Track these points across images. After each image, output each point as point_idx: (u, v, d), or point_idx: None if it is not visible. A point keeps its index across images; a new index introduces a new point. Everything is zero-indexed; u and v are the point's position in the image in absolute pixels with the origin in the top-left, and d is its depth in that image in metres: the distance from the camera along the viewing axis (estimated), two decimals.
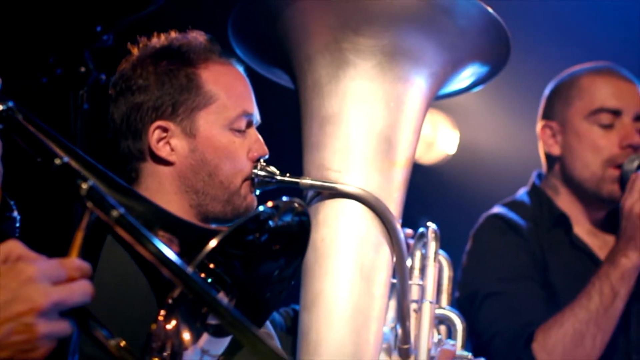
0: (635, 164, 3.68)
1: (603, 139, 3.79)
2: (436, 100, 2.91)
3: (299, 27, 2.72)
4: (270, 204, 1.87)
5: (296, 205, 1.91)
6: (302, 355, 2.61)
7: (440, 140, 5.92)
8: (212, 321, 1.89)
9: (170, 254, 1.64)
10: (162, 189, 2.80)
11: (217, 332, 1.91)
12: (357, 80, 2.69)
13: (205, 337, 1.90)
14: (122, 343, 1.74)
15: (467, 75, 2.89)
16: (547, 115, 3.97)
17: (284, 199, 1.90)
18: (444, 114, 5.89)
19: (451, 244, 3.14)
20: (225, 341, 1.90)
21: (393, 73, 2.69)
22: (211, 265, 1.88)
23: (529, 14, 5.35)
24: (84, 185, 1.72)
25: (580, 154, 3.83)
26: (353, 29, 2.66)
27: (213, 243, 1.75)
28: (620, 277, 3.50)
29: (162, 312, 1.78)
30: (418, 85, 2.73)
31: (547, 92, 4.01)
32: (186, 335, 1.88)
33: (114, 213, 1.70)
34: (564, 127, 3.89)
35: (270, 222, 1.90)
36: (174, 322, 1.84)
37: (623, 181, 3.71)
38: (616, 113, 3.80)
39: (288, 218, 1.92)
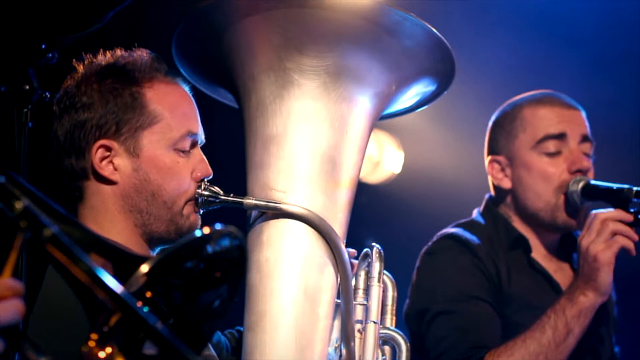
0: (581, 185, 3.71)
1: (552, 166, 3.81)
2: (381, 119, 2.91)
3: (243, 46, 2.71)
4: (205, 229, 1.84)
5: (232, 230, 1.89)
6: None
7: (386, 160, 5.94)
8: (148, 351, 1.85)
9: (104, 274, 1.62)
10: (106, 208, 2.77)
11: None
12: (301, 100, 2.68)
13: None
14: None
15: (412, 95, 2.89)
16: (493, 151, 3.99)
17: (218, 226, 1.87)
18: (389, 134, 5.92)
19: (396, 264, 3.14)
20: None
21: (337, 93, 2.69)
22: (148, 294, 1.85)
23: (474, 34, 5.38)
24: (18, 205, 1.69)
25: (532, 185, 3.84)
26: (297, 48, 2.66)
27: (145, 268, 1.72)
28: (576, 314, 3.52)
29: (94, 336, 1.74)
30: (362, 105, 2.73)
31: (489, 126, 4.03)
32: None
33: (47, 232, 1.67)
34: (512, 161, 3.90)
35: (208, 248, 1.86)
36: (109, 350, 1.80)
37: (569, 203, 3.74)
38: (561, 137, 3.82)
39: (226, 243, 1.89)
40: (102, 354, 1.76)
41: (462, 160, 5.81)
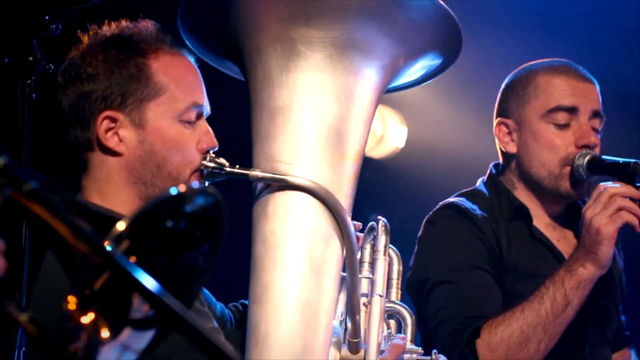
0: (587, 159, 3.69)
1: (559, 138, 3.78)
2: (387, 93, 2.89)
3: (250, 18, 2.69)
4: (181, 187, 1.81)
5: (207, 187, 1.86)
6: (251, 349, 2.58)
7: (389, 135, 5.94)
8: (134, 314, 1.83)
9: (88, 228, 1.59)
10: (111, 180, 2.77)
11: (139, 325, 1.85)
12: (308, 72, 2.66)
13: (126, 331, 1.84)
14: (33, 316, 1.70)
15: (418, 68, 2.88)
16: (502, 113, 3.96)
17: (194, 184, 1.85)
18: (393, 108, 5.91)
19: (399, 238, 3.13)
20: (148, 334, 1.85)
21: (344, 65, 2.67)
22: (133, 259, 1.82)
23: (481, 9, 5.36)
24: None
25: (537, 153, 3.82)
26: (304, 20, 2.64)
27: (121, 225, 1.69)
28: (575, 286, 3.52)
29: (73, 298, 1.72)
30: (369, 77, 2.72)
31: (502, 88, 4.00)
32: (105, 331, 1.81)
33: (26, 187, 1.65)
34: (520, 126, 3.88)
35: (187, 207, 1.84)
36: (91, 315, 1.77)
37: (574, 176, 3.73)
38: (572, 111, 3.79)
39: (202, 200, 1.86)
40: (84, 319, 1.73)
41: (465, 135, 5.81)
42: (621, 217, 3.49)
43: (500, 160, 4.00)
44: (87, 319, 1.73)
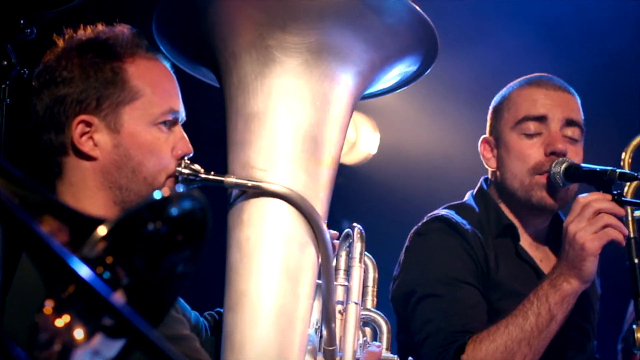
0: (564, 166, 3.67)
1: (529, 147, 3.79)
2: (363, 99, 2.89)
3: (225, 23, 2.68)
4: (165, 191, 1.79)
5: (193, 192, 1.84)
6: (227, 356, 2.57)
7: (362, 141, 5.95)
8: (107, 321, 1.80)
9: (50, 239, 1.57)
10: (85, 185, 2.74)
11: (111, 333, 1.82)
12: (283, 77, 2.65)
13: (98, 337, 1.82)
14: None
15: (394, 75, 2.87)
16: (488, 131, 3.99)
17: (179, 188, 1.83)
18: (366, 115, 5.92)
19: (372, 244, 3.12)
20: (119, 343, 1.82)
21: (319, 71, 2.66)
22: (109, 260, 1.79)
23: (454, 17, 5.37)
24: None
25: (510, 165, 3.83)
26: (279, 25, 2.63)
27: (102, 230, 1.67)
28: (559, 301, 3.50)
29: (49, 304, 1.69)
30: (345, 83, 2.71)
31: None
32: (79, 333, 1.78)
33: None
34: (497, 141, 3.90)
35: (171, 210, 1.81)
36: (66, 318, 1.74)
37: (551, 183, 3.72)
38: (541, 120, 3.79)
39: (188, 205, 1.83)
40: (59, 322, 1.71)
41: (438, 142, 5.82)
42: (607, 234, 3.46)
43: (488, 178, 4.01)
44: (62, 321, 1.71)
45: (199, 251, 1.84)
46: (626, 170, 3.73)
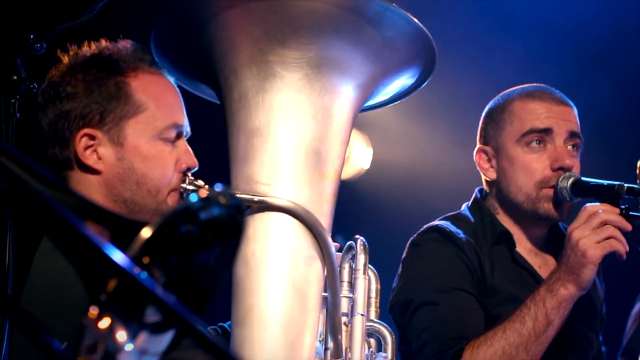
0: (570, 181, 3.69)
1: (534, 161, 3.81)
2: (362, 112, 2.90)
3: (224, 40, 2.68)
4: (202, 193, 1.82)
5: (222, 199, 1.87)
6: None
7: (355, 156, 5.96)
8: (150, 318, 1.81)
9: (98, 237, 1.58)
10: (91, 198, 2.74)
11: (156, 329, 1.84)
12: (284, 92, 2.66)
13: (143, 336, 1.82)
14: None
15: (394, 87, 2.88)
16: (482, 141, 4.00)
17: (217, 187, 1.85)
18: (358, 130, 5.93)
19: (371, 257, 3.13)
20: (166, 337, 1.83)
21: (320, 85, 2.67)
22: (146, 260, 1.81)
23: (451, 30, 5.39)
24: None
25: (514, 178, 3.84)
26: (279, 41, 2.64)
27: (147, 233, 1.69)
28: (556, 306, 3.50)
29: (94, 309, 1.69)
30: (345, 96, 2.72)
31: (482, 116, 4.03)
32: (121, 335, 1.79)
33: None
34: (498, 152, 3.91)
35: (201, 214, 1.84)
36: (107, 321, 1.75)
37: (557, 197, 3.74)
38: (546, 132, 3.81)
39: (216, 211, 1.87)
40: (102, 325, 1.71)
41: (431, 156, 5.83)
42: (610, 245, 3.47)
43: (484, 187, 4.02)
44: (105, 324, 1.71)
45: (228, 247, 1.88)
46: (635, 185, 3.70)
